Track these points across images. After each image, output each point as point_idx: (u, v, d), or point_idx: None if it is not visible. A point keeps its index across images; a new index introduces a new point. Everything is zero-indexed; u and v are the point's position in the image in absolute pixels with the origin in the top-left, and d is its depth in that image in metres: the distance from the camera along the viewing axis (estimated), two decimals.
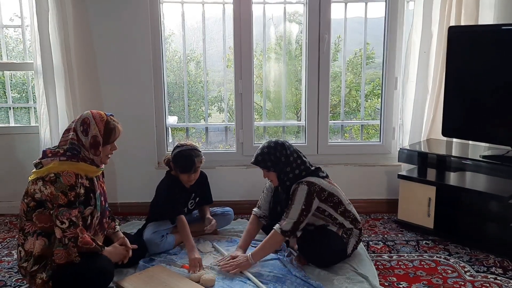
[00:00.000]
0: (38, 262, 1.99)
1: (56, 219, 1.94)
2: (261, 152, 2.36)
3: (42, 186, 1.95)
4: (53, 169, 1.95)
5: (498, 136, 2.66)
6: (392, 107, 3.20)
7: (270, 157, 2.33)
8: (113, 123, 2.09)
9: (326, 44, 3.08)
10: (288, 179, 2.34)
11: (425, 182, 2.76)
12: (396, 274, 2.29)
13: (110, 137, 2.08)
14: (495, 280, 2.21)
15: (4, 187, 3.15)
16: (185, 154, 2.52)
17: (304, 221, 2.26)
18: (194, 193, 2.69)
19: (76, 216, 1.96)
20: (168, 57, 3.79)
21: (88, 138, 2.03)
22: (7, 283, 2.26)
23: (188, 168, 2.52)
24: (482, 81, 2.67)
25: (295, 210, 2.24)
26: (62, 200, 1.93)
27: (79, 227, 1.96)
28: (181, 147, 2.56)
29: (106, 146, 2.08)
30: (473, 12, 2.82)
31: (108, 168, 3.07)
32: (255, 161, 2.38)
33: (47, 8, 2.76)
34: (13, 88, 3.66)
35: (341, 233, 2.35)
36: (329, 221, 2.35)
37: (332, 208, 2.33)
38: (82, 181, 2.02)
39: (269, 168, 2.35)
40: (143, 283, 2.10)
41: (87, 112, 2.08)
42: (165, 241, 2.50)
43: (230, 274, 2.21)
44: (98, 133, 2.03)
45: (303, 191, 2.26)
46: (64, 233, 1.94)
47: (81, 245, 1.96)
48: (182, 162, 2.53)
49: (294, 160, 2.35)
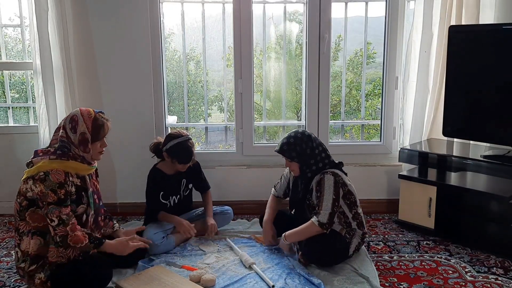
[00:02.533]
0: (35, 262, 1.99)
1: (47, 217, 1.95)
2: (287, 142, 2.35)
3: (32, 185, 1.96)
4: (43, 168, 1.96)
5: (499, 136, 2.65)
6: (393, 107, 3.19)
7: (296, 148, 2.33)
8: (101, 120, 2.09)
9: (327, 43, 3.07)
10: (310, 171, 2.36)
11: (425, 182, 2.75)
12: (396, 274, 2.28)
13: (99, 134, 2.08)
14: (496, 280, 2.20)
15: (3, 187, 3.15)
16: (184, 146, 2.54)
17: (337, 212, 2.28)
18: (184, 179, 2.70)
19: (67, 214, 1.96)
20: (167, 57, 3.79)
21: (77, 135, 2.04)
22: (6, 283, 2.25)
23: (187, 160, 2.56)
24: (482, 80, 2.67)
25: (327, 200, 2.25)
26: (51, 198, 1.94)
27: (69, 225, 1.96)
28: (177, 138, 2.55)
29: (95, 142, 2.08)
30: (474, 11, 2.81)
31: (108, 168, 3.07)
32: (280, 149, 2.37)
33: (47, 7, 2.75)
34: (12, 87, 3.65)
35: (344, 233, 2.35)
36: (341, 219, 2.35)
37: (347, 206, 2.35)
38: (73, 180, 2.03)
39: (293, 159, 2.36)
40: (142, 284, 2.09)
41: (76, 110, 2.09)
42: (166, 242, 2.50)
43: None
44: (86, 130, 2.04)
45: (330, 180, 2.27)
46: (55, 231, 1.95)
47: (72, 243, 1.96)
48: (181, 154, 2.55)
49: (319, 153, 2.36)
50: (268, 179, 2.85)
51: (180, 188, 2.71)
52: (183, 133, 2.59)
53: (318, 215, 2.25)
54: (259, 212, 2.73)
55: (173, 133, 2.60)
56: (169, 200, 2.67)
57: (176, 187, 2.69)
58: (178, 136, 2.57)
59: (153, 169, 2.69)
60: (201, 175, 2.81)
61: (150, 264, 2.34)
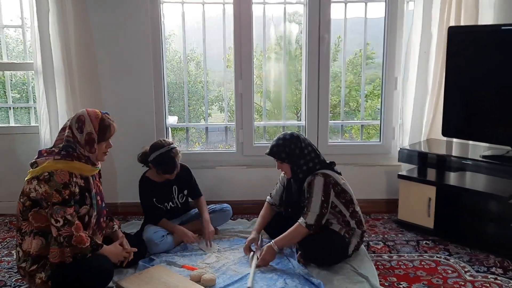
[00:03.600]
0: (36, 262, 2.00)
1: (51, 217, 1.95)
2: (276, 144, 2.39)
3: (36, 185, 1.96)
4: (47, 168, 1.96)
5: (498, 136, 2.65)
6: (392, 107, 3.20)
7: (285, 149, 2.36)
8: (108, 121, 2.10)
9: (326, 44, 3.08)
10: (301, 171, 2.37)
11: (425, 182, 2.76)
12: (396, 274, 2.29)
13: (105, 134, 2.09)
14: (495, 280, 2.21)
15: (4, 187, 3.15)
16: (166, 156, 2.53)
17: (326, 214, 2.29)
18: (174, 185, 2.69)
19: (71, 214, 1.96)
20: (168, 57, 3.80)
21: (83, 135, 2.04)
22: (7, 283, 2.26)
23: (171, 170, 2.56)
24: (482, 81, 2.67)
25: (316, 202, 2.26)
26: (56, 198, 1.94)
27: (74, 225, 1.96)
28: (159, 150, 2.54)
29: (101, 143, 2.09)
30: (473, 12, 2.82)
31: (109, 168, 3.08)
32: (270, 152, 2.41)
33: (48, 8, 2.76)
34: (13, 88, 3.66)
35: (343, 233, 2.35)
36: (338, 218, 2.36)
37: (344, 205, 2.36)
38: (77, 180, 2.03)
39: (283, 160, 2.38)
40: (143, 283, 2.10)
41: (83, 110, 2.10)
42: (165, 241, 2.51)
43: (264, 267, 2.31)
44: (93, 130, 2.05)
45: (320, 182, 2.28)
46: (59, 232, 1.95)
47: (75, 243, 1.96)
48: (164, 165, 2.55)
49: (308, 153, 2.38)
50: (268, 179, 2.86)
51: (172, 194, 2.70)
52: (165, 143, 2.57)
53: (305, 216, 2.27)
54: (259, 211, 2.73)
55: (156, 144, 2.59)
56: (164, 205, 2.67)
57: (168, 193, 2.69)
58: (161, 146, 2.55)
59: (143, 177, 2.68)
60: (192, 181, 2.78)
61: (150, 264, 2.35)
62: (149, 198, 2.63)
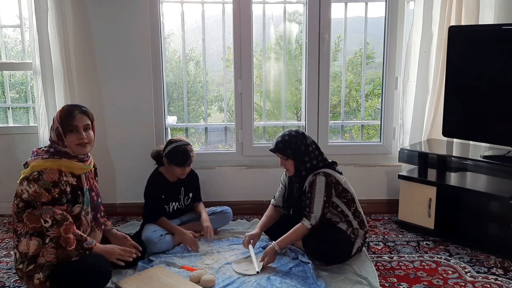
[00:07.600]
0: (33, 262, 1.98)
1: (41, 217, 1.94)
2: (282, 140, 2.39)
3: (27, 186, 1.95)
4: (36, 167, 1.96)
5: (499, 136, 2.65)
6: (393, 107, 3.19)
7: (291, 145, 2.36)
8: (67, 108, 2.07)
9: (326, 44, 3.07)
10: (305, 169, 2.37)
11: (425, 182, 2.75)
12: (396, 275, 2.28)
13: (67, 123, 2.02)
14: (496, 281, 2.20)
15: (3, 187, 3.14)
16: (181, 149, 2.60)
17: (327, 213, 2.30)
18: (183, 187, 2.73)
19: (61, 214, 1.94)
20: (167, 57, 3.78)
21: (54, 132, 2.04)
22: (6, 283, 2.25)
23: (184, 162, 2.59)
24: (482, 81, 2.66)
25: (318, 203, 2.27)
26: (45, 197, 1.93)
27: (63, 226, 1.94)
28: (176, 143, 2.63)
29: (69, 134, 2.02)
30: (474, 12, 2.81)
31: (108, 168, 3.07)
32: (275, 147, 2.40)
33: (46, 8, 2.75)
34: (11, 88, 3.64)
35: (350, 232, 2.35)
36: (341, 218, 2.36)
37: (345, 204, 2.36)
38: (68, 179, 2.02)
39: (288, 156, 2.37)
40: (142, 284, 2.09)
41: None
42: (164, 240, 2.51)
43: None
44: (58, 124, 2.04)
45: (322, 182, 2.29)
46: (48, 232, 1.94)
47: (63, 244, 1.93)
48: (178, 156, 2.59)
49: (312, 151, 2.39)
50: (268, 180, 2.85)
51: (179, 195, 2.73)
52: (183, 139, 2.67)
53: (309, 218, 2.27)
54: (259, 212, 2.73)
55: (173, 139, 2.69)
56: (169, 206, 2.69)
57: (175, 194, 2.72)
58: (178, 141, 2.65)
59: (155, 172, 2.71)
60: (197, 186, 2.85)
61: (149, 265, 2.34)
62: (157, 193, 2.65)
